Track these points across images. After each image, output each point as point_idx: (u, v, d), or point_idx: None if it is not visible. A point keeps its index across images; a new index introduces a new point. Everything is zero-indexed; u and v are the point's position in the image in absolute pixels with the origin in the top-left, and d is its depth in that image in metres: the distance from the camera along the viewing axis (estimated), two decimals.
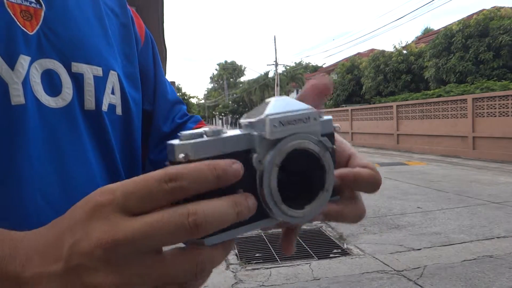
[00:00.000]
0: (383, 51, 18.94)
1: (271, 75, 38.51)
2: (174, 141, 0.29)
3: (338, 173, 0.36)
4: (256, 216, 0.30)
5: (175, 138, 0.29)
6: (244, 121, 0.33)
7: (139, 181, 0.26)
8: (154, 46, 0.69)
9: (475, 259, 3.52)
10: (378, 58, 18.52)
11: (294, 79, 38.95)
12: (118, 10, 0.60)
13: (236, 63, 72.39)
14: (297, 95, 0.41)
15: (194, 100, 79.88)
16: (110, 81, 0.53)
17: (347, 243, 4.06)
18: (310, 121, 0.33)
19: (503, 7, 14.43)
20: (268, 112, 0.31)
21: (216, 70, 75.94)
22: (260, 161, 0.30)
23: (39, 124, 0.44)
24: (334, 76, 23.96)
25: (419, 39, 26.42)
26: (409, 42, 19.65)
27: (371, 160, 10.11)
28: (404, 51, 18.07)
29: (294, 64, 45.65)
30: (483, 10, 15.03)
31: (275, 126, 0.31)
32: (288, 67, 40.84)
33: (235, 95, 50.52)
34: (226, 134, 0.30)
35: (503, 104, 10.62)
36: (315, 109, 0.34)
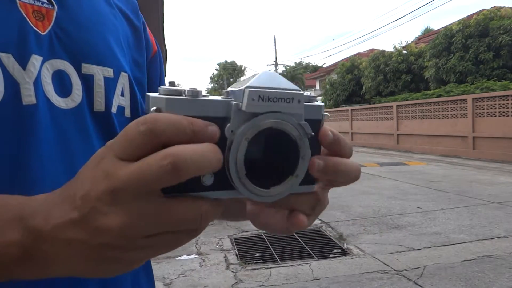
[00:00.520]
0: (383, 51, 18.94)
1: None
2: (152, 93, 0.30)
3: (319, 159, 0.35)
4: (224, 185, 0.31)
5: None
6: (228, 89, 0.32)
7: (125, 128, 0.28)
8: (161, 58, 0.69)
9: (475, 259, 3.52)
10: (378, 58, 18.52)
11: (294, 79, 38.94)
12: (131, 15, 0.60)
13: (236, 63, 72.44)
14: None
15: None
16: (120, 82, 0.53)
17: (347, 243, 4.06)
18: (293, 102, 0.32)
19: (503, 7, 14.43)
20: (249, 84, 0.31)
21: (216, 70, 75.95)
22: (232, 131, 0.30)
23: (50, 125, 0.44)
24: (334, 76, 23.95)
25: (419, 39, 26.42)
26: (409, 42, 19.65)
27: (371, 160, 10.17)
28: (404, 51, 18.07)
29: (294, 64, 45.66)
30: (483, 10, 15.03)
31: (253, 100, 0.30)
32: (288, 67, 40.82)
33: None
34: (205, 98, 0.30)
35: (503, 104, 10.62)
36: (303, 91, 0.33)
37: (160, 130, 0.27)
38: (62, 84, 0.46)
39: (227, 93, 0.32)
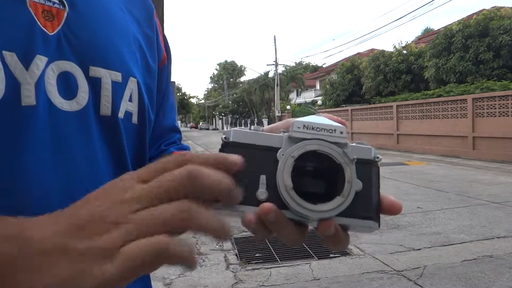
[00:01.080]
0: (383, 51, 18.94)
1: (271, 75, 38.49)
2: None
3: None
4: (277, 202, 0.35)
5: None
6: (282, 130, 0.39)
7: (160, 161, 0.32)
8: (170, 67, 0.68)
9: (475, 259, 3.52)
10: (378, 58, 18.52)
11: (294, 79, 38.92)
12: (143, 20, 0.59)
13: (236, 63, 72.41)
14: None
15: (194, 100, 79.96)
16: (129, 87, 0.52)
17: None
18: (335, 132, 0.37)
19: (503, 7, 14.43)
20: (297, 119, 0.37)
21: (216, 70, 75.94)
22: (283, 154, 0.36)
23: (49, 127, 0.43)
24: (334, 76, 23.95)
25: (419, 39, 26.44)
26: (409, 42, 19.64)
27: None
28: (404, 51, 18.07)
29: (294, 64, 45.66)
30: (483, 10, 15.03)
31: (299, 127, 0.36)
32: (288, 67, 40.83)
33: (235, 95, 50.51)
34: (265, 132, 0.37)
35: (503, 104, 10.62)
36: (345, 127, 0.38)
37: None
38: (68, 86, 0.45)
39: (282, 132, 0.38)
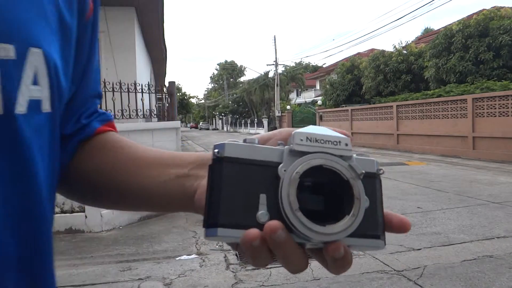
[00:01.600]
0: (383, 51, 18.93)
1: (271, 75, 38.48)
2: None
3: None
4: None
5: None
6: (280, 142, 0.36)
7: None
8: (96, 26, 0.50)
9: (475, 259, 3.52)
10: (378, 58, 18.51)
11: (294, 79, 38.92)
12: None
13: (236, 63, 72.41)
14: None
15: (194, 100, 79.92)
16: (30, 64, 0.34)
17: None
18: (340, 144, 0.34)
19: (503, 7, 14.43)
20: (298, 130, 0.34)
21: (216, 70, 75.96)
22: (285, 170, 0.32)
23: None
24: (334, 76, 23.94)
25: (419, 39, 26.43)
26: (409, 42, 19.63)
27: None
28: (404, 51, 18.06)
29: (294, 64, 45.65)
30: (483, 10, 15.02)
31: (301, 140, 0.33)
32: (288, 67, 40.82)
33: (235, 95, 50.50)
34: (262, 145, 0.34)
35: (503, 104, 10.62)
36: (349, 138, 0.35)
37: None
38: None
39: (281, 144, 0.35)
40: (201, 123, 74.04)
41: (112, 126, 0.55)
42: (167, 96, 7.47)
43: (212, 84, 77.59)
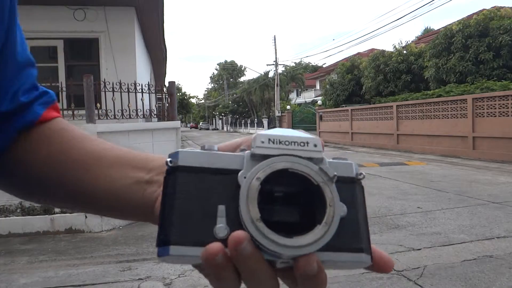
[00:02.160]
0: (383, 51, 18.93)
1: (271, 75, 38.50)
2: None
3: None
4: None
5: None
6: (243, 147, 0.32)
7: None
8: None
9: (475, 259, 3.52)
10: (378, 58, 18.51)
11: (294, 79, 38.93)
12: None
13: (236, 63, 72.43)
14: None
15: (194, 100, 79.93)
16: None
17: None
18: (308, 146, 0.30)
19: (503, 7, 14.42)
20: (261, 132, 0.30)
21: (216, 70, 75.98)
22: (245, 177, 0.29)
23: None
24: (334, 76, 23.94)
25: (419, 39, 26.43)
26: (409, 42, 19.63)
27: (371, 160, 10.12)
28: (404, 51, 18.06)
29: (294, 64, 45.65)
30: (483, 10, 15.02)
31: (263, 142, 0.29)
32: (288, 67, 40.83)
33: (235, 95, 50.51)
34: (220, 152, 0.30)
35: (503, 104, 10.62)
36: (320, 139, 0.31)
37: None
38: None
39: (242, 150, 0.31)
40: (201, 123, 74.04)
41: (56, 109, 0.49)
42: (167, 96, 7.46)
43: (212, 84, 77.61)
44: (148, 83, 7.46)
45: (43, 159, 0.43)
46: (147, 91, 6.87)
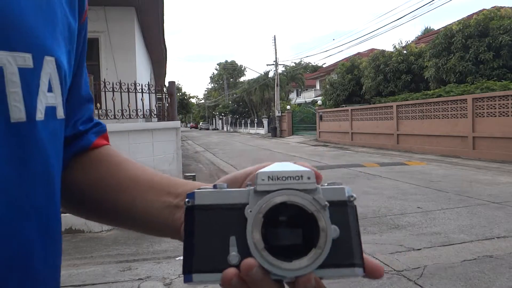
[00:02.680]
0: (383, 51, 18.92)
1: (271, 75, 38.47)
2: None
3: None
4: None
5: None
6: (248, 182, 0.38)
7: None
8: (86, 28, 0.51)
9: (475, 259, 3.52)
10: (378, 58, 18.51)
11: (294, 79, 38.92)
12: None
13: (236, 63, 72.39)
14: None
15: (194, 100, 79.92)
16: (45, 72, 0.36)
17: None
18: (302, 179, 0.34)
19: (503, 7, 14.42)
20: (261, 170, 0.35)
21: (216, 70, 75.94)
22: (250, 211, 0.33)
23: None
24: (334, 76, 23.94)
25: (419, 39, 26.42)
26: (409, 42, 19.63)
27: (371, 160, 10.14)
28: (404, 51, 18.06)
29: (294, 64, 45.64)
30: (483, 10, 15.02)
31: (263, 180, 0.34)
32: (288, 67, 40.82)
33: (235, 95, 50.48)
34: (229, 189, 0.35)
35: (503, 104, 10.62)
36: (314, 170, 0.35)
37: None
38: None
39: (249, 184, 0.36)
40: (201, 123, 74.09)
41: (106, 138, 0.56)
42: (167, 96, 7.47)
43: (212, 84, 77.59)
44: (148, 83, 7.46)
45: (91, 181, 0.50)
46: (147, 91, 6.88)
